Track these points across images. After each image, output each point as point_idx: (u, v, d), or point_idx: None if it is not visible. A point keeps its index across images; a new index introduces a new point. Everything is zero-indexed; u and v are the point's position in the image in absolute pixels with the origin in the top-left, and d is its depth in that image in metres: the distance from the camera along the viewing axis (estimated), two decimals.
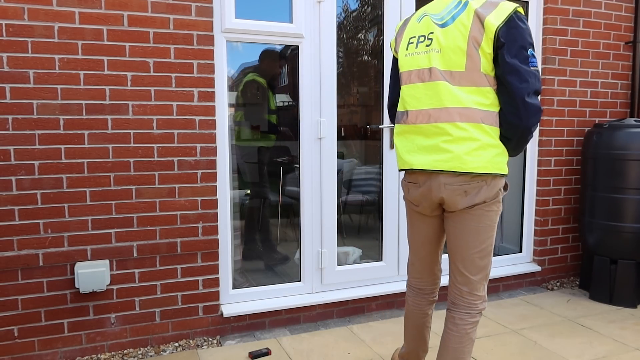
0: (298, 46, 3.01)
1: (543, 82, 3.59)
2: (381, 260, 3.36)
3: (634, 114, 3.84)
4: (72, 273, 2.54)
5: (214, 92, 2.74)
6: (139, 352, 2.67)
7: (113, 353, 2.66)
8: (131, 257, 2.65)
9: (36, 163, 2.45)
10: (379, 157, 3.34)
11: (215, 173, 2.78)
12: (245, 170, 3.77)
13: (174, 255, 2.73)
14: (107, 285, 2.61)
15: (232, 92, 3.57)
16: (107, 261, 2.60)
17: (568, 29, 3.63)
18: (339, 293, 3.17)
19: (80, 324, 2.59)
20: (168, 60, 2.63)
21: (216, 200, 2.79)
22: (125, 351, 2.68)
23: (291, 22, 2.97)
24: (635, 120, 3.40)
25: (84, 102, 2.50)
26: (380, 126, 3.30)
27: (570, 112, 3.71)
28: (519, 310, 3.29)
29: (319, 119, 3.08)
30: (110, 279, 2.61)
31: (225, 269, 2.92)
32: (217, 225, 2.80)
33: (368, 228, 4.07)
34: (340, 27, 3.57)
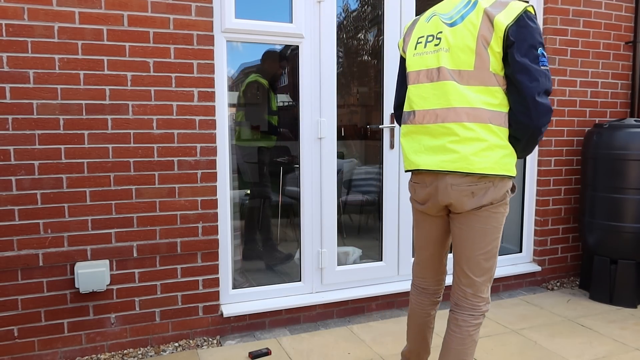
0: (298, 46, 3.01)
1: None
2: (381, 260, 3.36)
3: (634, 114, 3.84)
4: (72, 273, 2.54)
5: (214, 92, 2.74)
6: (139, 352, 2.67)
7: (113, 353, 2.66)
8: (131, 257, 2.65)
9: (36, 163, 2.45)
10: (379, 157, 3.34)
11: (215, 173, 2.78)
12: (246, 170, 3.76)
13: (174, 255, 2.73)
14: (107, 285, 2.61)
15: (233, 92, 3.56)
16: (107, 261, 2.60)
17: (568, 29, 3.63)
18: (339, 293, 3.17)
19: (80, 324, 2.59)
20: (168, 60, 2.63)
21: (216, 200, 2.79)
22: (125, 351, 2.68)
23: (291, 22, 2.97)
24: (635, 120, 3.40)
25: (84, 102, 2.50)
26: (380, 126, 3.30)
27: (570, 112, 3.71)
28: (519, 310, 3.28)
29: (319, 119, 3.08)
30: (110, 279, 2.62)
31: (225, 269, 2.92)
32: (217, 225, 2.80)
33: (368, 228, 4.06)
34: (340, 27, 3.57)
